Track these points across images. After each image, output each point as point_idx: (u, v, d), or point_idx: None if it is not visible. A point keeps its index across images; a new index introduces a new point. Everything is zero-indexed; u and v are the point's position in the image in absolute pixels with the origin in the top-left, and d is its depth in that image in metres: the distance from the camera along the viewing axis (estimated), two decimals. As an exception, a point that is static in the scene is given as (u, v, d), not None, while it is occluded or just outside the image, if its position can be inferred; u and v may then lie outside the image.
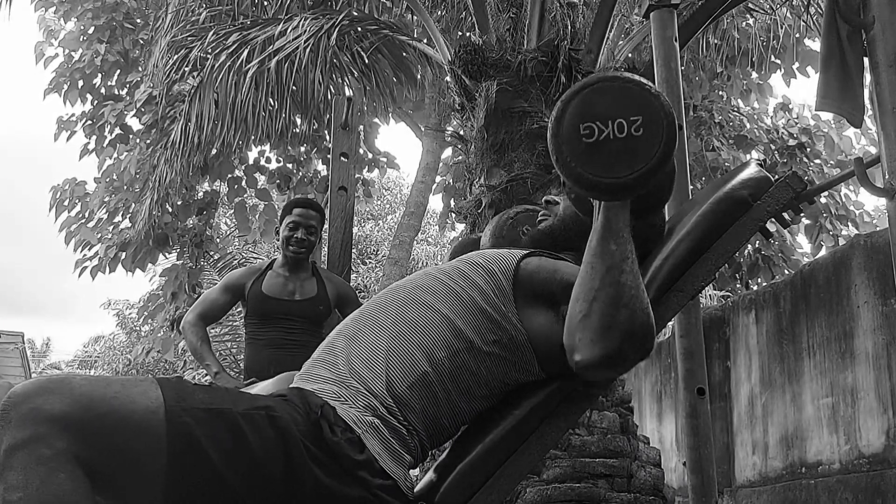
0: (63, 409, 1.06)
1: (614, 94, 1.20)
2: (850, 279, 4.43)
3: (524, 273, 1.39)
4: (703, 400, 2.49)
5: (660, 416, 6.60)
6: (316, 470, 1.20)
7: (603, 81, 1.22)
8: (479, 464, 1.37)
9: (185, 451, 1.11)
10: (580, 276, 1.26)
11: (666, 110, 1.20)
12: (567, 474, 3.76)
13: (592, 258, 1.25)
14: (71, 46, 7.92)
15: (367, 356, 1.34)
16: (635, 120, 1.19)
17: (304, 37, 5.14)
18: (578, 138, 1.20)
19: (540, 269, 1.40)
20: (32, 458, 1.04)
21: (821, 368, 4.62)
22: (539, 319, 1.37)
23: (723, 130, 8.14)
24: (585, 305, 1.23)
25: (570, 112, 1.21)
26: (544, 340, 1.36)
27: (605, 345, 1.21)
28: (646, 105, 1.20)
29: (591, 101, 1.20)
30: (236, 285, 3.30)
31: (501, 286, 1.38)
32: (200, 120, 5.55)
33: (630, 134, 1.19)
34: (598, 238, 1.25)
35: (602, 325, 1.21)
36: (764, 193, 1.57)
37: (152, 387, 1.14)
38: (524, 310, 1.37)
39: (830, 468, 4.40)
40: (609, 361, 1.22)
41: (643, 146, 1.18)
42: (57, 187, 7.89)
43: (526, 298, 1.38)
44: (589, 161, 1.19)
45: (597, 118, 1.19)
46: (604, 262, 1.23)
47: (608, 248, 1.23)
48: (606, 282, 1.22)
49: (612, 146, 1.19)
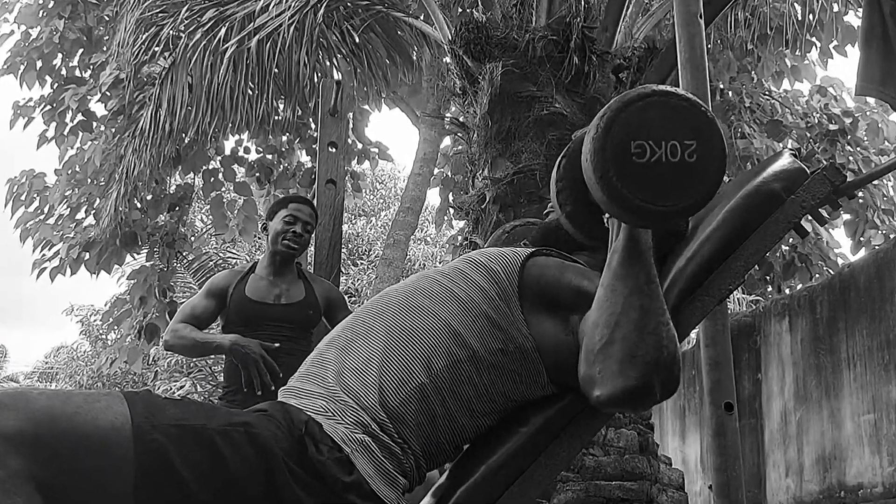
0: (19, 426, 1.06)
1: (669, 112, 1.20)
2: (895, 282, 4.43)
3: (530, 273, 1.39)
4: (732, 416, 2.49)
5: (683, 433, 6.61)
6: (299, 492, 1.20)
7: (659, 95, 1.21)
8: (483, 487, 1.37)
9: (155, 471, 1.11)
10: (599, 299, 1.26)
11: (721, 138, 1.20)
12: (580, 499, 3.76)
13: (613, 280, 1.25)
14: (28, 22, 7.90)
15: (359, 367, 1.34)
16: (689, 144, 1.19)
17: (287, 13, 5.14)
18: (628, 156, 1.19)
19: (547, 270, 1.41)
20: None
21: (861, 381, 4.62)
22: (547, 327, 1.37)
23: (753, 115, 8.12)
24: (607, 332, 1.23)
25: (620, 124, 1.19)
26: (554, 350, 1.35)
27: (629, 377, 1.21)
28: (701, 129, 1.20)
29: (644, 116, 1.20)
30: (220, 289, 3.29)
31: (506, 288, 1.38)
32: (172, 105, 5.55)
33: (683, 159, 1.19)
34: (619, 260, 1.25)
35: (626, 355, 1.21)
36: (799, 187, 1.57)
37: (118, 401, 1.14)
38: (531, 315, 1.37)
39: (872, 492, 4.40)
40: (633, 396, 1.22)
41: (697, 175, 1.19)
42: (13, 180, 7.88)
43: (533, 302, 1.38)
44: (637, 183, 1.18)
45: (650, 137, 1.19)
46: (626, 284, 1.24)
47: (631, 271, 1.24)
48: (630, 306, 1.22)
49: (663, 170, 1.19)
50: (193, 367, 10.18)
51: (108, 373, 14.64)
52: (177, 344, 3.22)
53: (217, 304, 3.28)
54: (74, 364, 19.14)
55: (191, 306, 3.31)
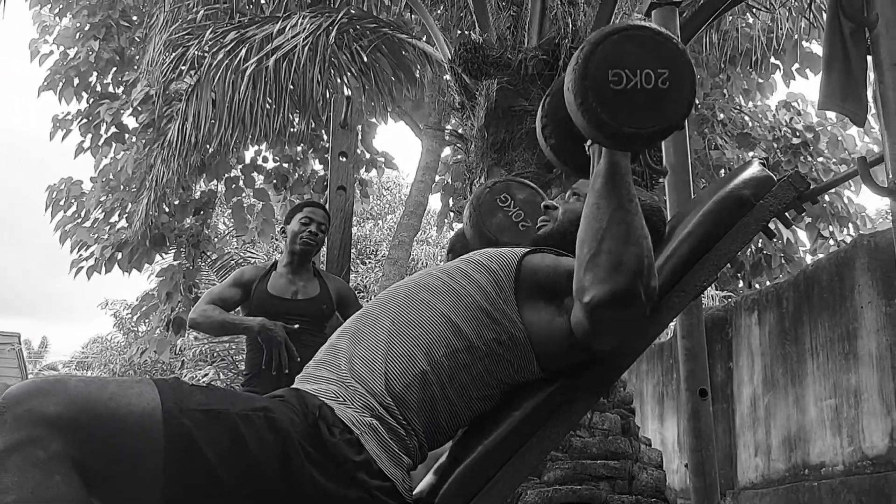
0: (58, 410, 1.06)
1: (644, 43, 1.20)
2: (854, 279, 4.43)
3: (527, 268, 1.40)
4: (706, 401, 2.49)
5: (662, 417, 6.60)
6: (313, 471, 1.20)
7: (634, 29, 1.21)
8: (479, 466, 1.37)
9: (183, 452, 1.12)
10: (585, 218, 1.27)
11: (691, 67, 1.21)
12: (568, 476, 3.76)
13: (598, 199, 1.26)
14: (66, 44, 7.91)
15: (367, 356, 1.35)
16: (663, 73, 1.19)
17: (302, 35, 5.14)
18: (606, 84, 1.18)
19: (542, 264, 1.42)
20: (28, 460, 1.04)
21: (824, 370, 4.62)
22: (541, 315, 1.37)
23: (725, 128, 8.13)
24: (594, 245, 1.24)
25: (599, 55, 1.19)
26: (545, 338, 1.36)
27: (614, 282, 1.22)
28: (673, 59, 1.20)
29: (621, 47, 1.19)
30: (247, 281, 3.29)
31: (502, 283, 1.39)
32: (197, 119, 5.54)
33: (657, 86, 1.19)
34: (602, 180, 1.26)
35: (612, 264, 1.22)
36: (767, 193, 1.57)
37: (149, 388, 1.14)
38: (525, 306, 1.38)
39: (833, 470, 4.40)
40: (621, 299, 1.22)
41: (669, 101, 1.19)
42: (53, 187, 7.88)
43: (528, 294, 1.39)
44: (614, 108, 1.18)
45: (626, 66, 1.19)
46: (610, 202, 1.25)
47: (614, 191, 1.25)
48: (615, 220, 1.24)
49: (639, 97, 1.19)
50: (217, 356, 10.17)
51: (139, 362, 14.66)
52: (204, 322, 3.18)
53: (242, 294, 3.27)
54: (108, 354, 19.12)
55: (219, 291, 3.28)
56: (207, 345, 10.54)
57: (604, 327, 1.27)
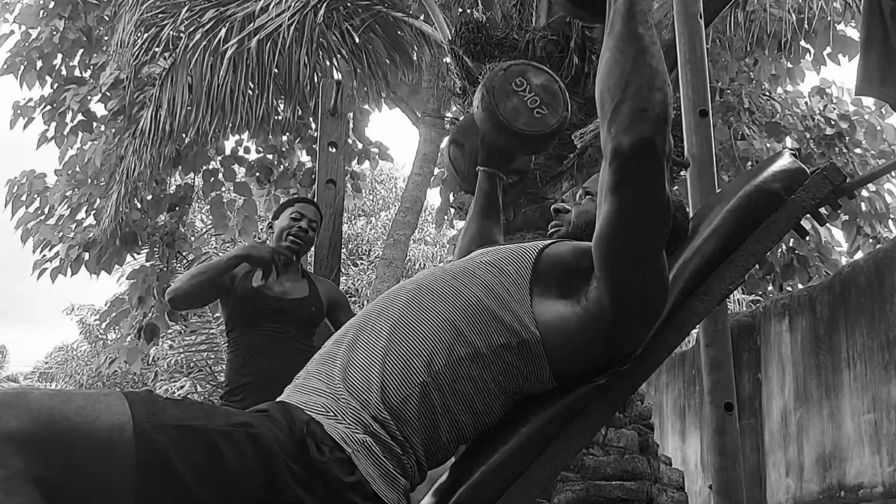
0: (19, 426, 1.06)
1: None
2: (894, 282, 4.43)
3: (545, 261, 1.42)
4: (731, 416, 2.49)
5: (683, 433, 6.60)
6: (300, 492, 1.20)
7: None
8: (483, 486, 1.37)
9: (156, 471, 1.12)
10: (606, 63, 1.29)
11: None
12: (580, 498, 3.76)
13: (619, 42, 1.28)
14: (28, 23, 7.89)
15: (363, 365, 1.35)
16: None
17: (287, 13, 5.14)
18: None
19: (563, 249, 1.45)
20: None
21: (862, 381, 4.62)
22: (556, 309, 1.38)
23: (753, 117, 8.12)
24: (619, 93, 1.26)
25: None
26: (560, 335, 1.36)
27: (639, 129, 1.25)
28: None
29: None
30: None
31: (515, 283, 1.39)
32: (172, 106, 5.55)
33: None
34: (623, 22, 1.28)
35: (636, 111, 1.25)
36: (799, 187, 1.57)
37: (119, 401, 1.14)
38: (539, 305, 1.38)
39: (873, 492, 4.40)
40: (643, 149, 1.25)
41: None
42: (13, 180, 7.87)
43: (543, 290, 1.39)
44: None
45: None
46: (632, 46, 1.27)
47: (636, 32, 1.27)
48: (638, 65, 1.26)
49: None
50: (194, 366, 10.17)
51: (108, 372, 14.63)
52: (184, 284, 3.16)
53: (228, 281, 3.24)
54: (74, 364, 19.10)
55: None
56: (183, 354, 10.54)
57: (630, 179, 1.28)
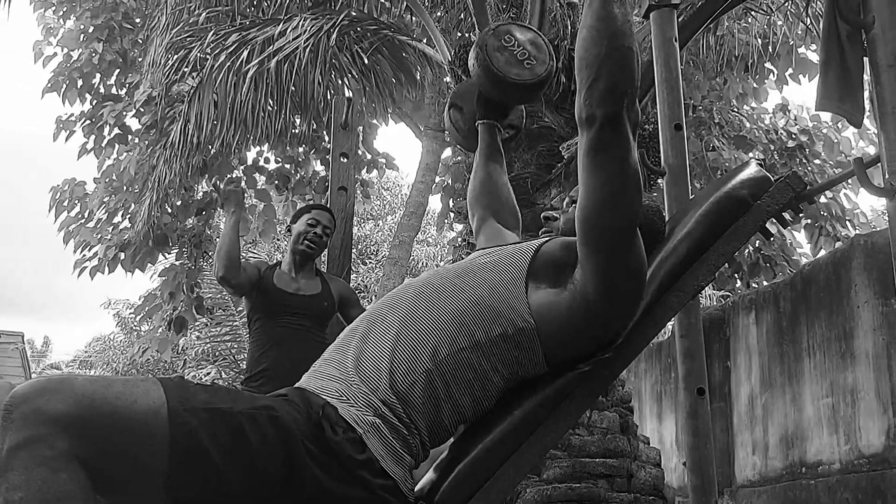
0: (65, 409, 1.07)
1: None
2: (851, 279, 4.44)
3: (543, 254, 1.43)
4: (703, 400, 2.49)
5: (660, 416, 6.61)
6: (317, 470, 1.20)
7: None
8: (480, 463, 1.38)
9: (188, 451, 1.12)
10: (583, 40, 1.30)
11: None
12: (567, 474, 3.76)
13: (596, 22, 1.28)
14: (69, 46, 7.90)
15: (374, 354, 1.35)
16: None
17: (303, 37, 5.14)
18: None
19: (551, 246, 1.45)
20: (34, 458, 1.04)
21: (821, 369, 4.62)
22: (546, 296, 1.38)
23: (723, 130, 8.13)
24: (594, 70, 1.27)
25: None
26: (552, 320, 1.37)
27: (611, 103, 1.26)
28: None
29: None
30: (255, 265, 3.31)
31: (513, 280, 1.40)
32: (199, 120, 5.54)
33: None
34: (600, 2, 1.28)
35: (609, 86, 1.26)
36: (764, 193, 1.57)
37: (154, 387, 1.15)
38: (533, 294, 1.38)
39: (830, 468, 4.40)
40: (613, 118, 1.27)
41: None
42: (56, 188, 7.88)
43: (540, 279, 1.40)
44: None
45: None
46: (608, 26, 1.27)
47: (612, 12, 1.27)
48: (613, 45, 1.26)
49: None
50: (219, 355, 10.16)
51: (141, 361, 14.66)
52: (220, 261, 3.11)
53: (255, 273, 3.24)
54: (111, 353, 19.11)
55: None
56: (209, 344, 10.53)
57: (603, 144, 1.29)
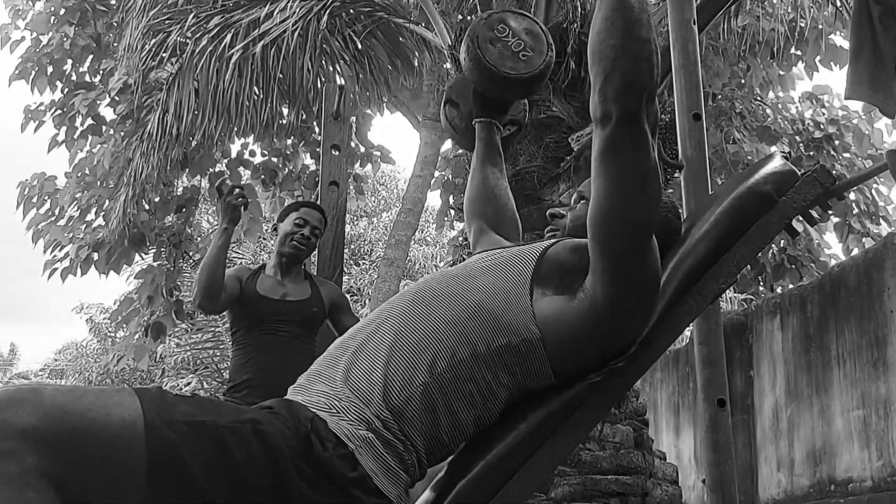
0: (33, 422, 1.06)
1: None
2: (884, 281, 4.43)
3: (548, 259, 1.43)
4: (724, 412, 2.49)
5: (677, 429, 6.61)
6: (305, 487, 1.20)
7: None
8: (482, 481, 1.37)
9: (166, 467, 1.12)
10: (597, 32, 1.31)
11: None
12: (577, 492, 3.76)
13: (611, 13, 1.29)
14: (39, 29, 7.89)
15: (366, 366, 1.34)
16: None
17: (291, 20, 5.14)
18: None
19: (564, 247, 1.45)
20: (0, 475, 1.04)
21: (851, 378, 4.62)
22: (554, 305, 1.38)
23: (745, 121, 8.13)
24: (609, 63, 1.28)
25: None
26: (558, 332, 1.36)
27: (627, 98, 1.27)
28: None
29: None
30: (235, 276, 3.29)
31: (516, 284, 1.39)
32: (179, 110, 5.55)
33: None
34: None
35: (625, 81, 1.27)
36: (790, 189, 1.57)
37: (130, 398, 1.14)
38: (539, 301, 1.38)
39: (862, 486, 4.40)
40: (630, 115, 1.28)
41: None
42: (24, 182, 7.87)
43: (546, 285, 1.39)
44: None
45: None
46: (624, 16, 1.28)
47: (628, 1, 1.28)
48: (629, 37, 1.28)
49: None
50: (200, 364, 10.17)
51: (116, 369, 14.62)
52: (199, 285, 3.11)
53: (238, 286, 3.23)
54: (83, 361, 19.09)
55: None
56: (190, 352, 10.54)
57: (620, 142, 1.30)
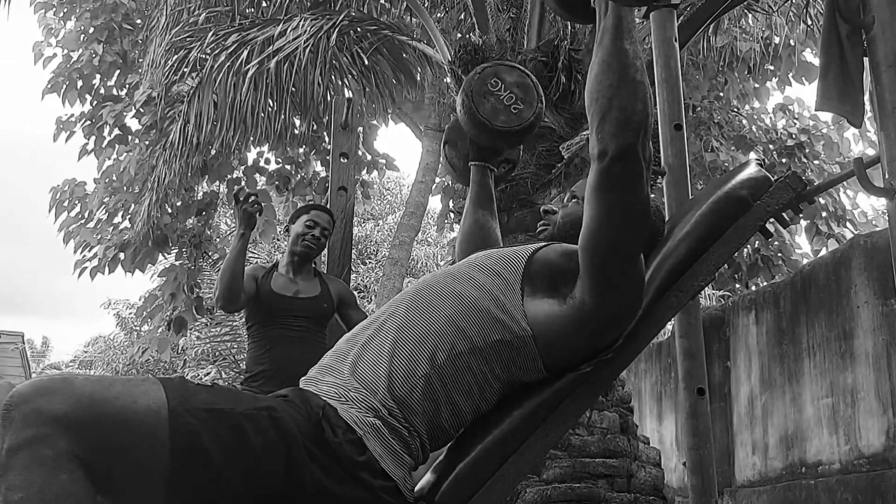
0: (65, 409, 1.07)
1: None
2: (850, 279, 4.43)
3: (537, 262, 1.42)
4: (703, 400, 2.50)
5: (660, 416, 6.60)
6: (317, 471, 1.20)
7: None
8: (480, 464, 1.37)
9: (188, 451, 1.12)
10: (595, 75, 1.31)
11: None
12: (567, 474, 3.76)
13: (607, 56, 1.29)
14: (70, 46, 7.90)
15: (373, 360, 1.35)
16: None
17: (303, 37, 5.14)
18: None
19: (552, 252, 1.44)
20: (34, 458, 1.04)
21: (821, 369, 4.62)
22: (545, 307, 1.37)
23: (722, 131, 8.13)
24: (606, 103, 1.28)
25: None
26: (550, 331, 1.36)
27: (624, 136, 1.27)
28: None
29: None
30: (252, 275, 3.29)
31: (508, 285, 1.39)
32: (199, 120, 5.55)
33: None
34: (610, 37, 1.29)
35: (622, 120, 1.27)
36: (764, 193, 1.57)
37: (155, 387, 1.15)
38: (531, 303, 1.38)
39: (830, 468, 4.40)
40: (626, 153, 1.27)
41: None
42: (56, 188, 7.88)
43: (535, 288, 1.39)
44: None
45: None
46: (619, 60, 1.28)
47: (622, 47, 1.28)
48: (624, 78, 1.27)
49: None
50: (219, 355, 10.16)
51: (141, 361, 14.64)
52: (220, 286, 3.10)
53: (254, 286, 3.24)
54: (111, 353, 19.10)
55: None
56: (209, 344, 10.53)
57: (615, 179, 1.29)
